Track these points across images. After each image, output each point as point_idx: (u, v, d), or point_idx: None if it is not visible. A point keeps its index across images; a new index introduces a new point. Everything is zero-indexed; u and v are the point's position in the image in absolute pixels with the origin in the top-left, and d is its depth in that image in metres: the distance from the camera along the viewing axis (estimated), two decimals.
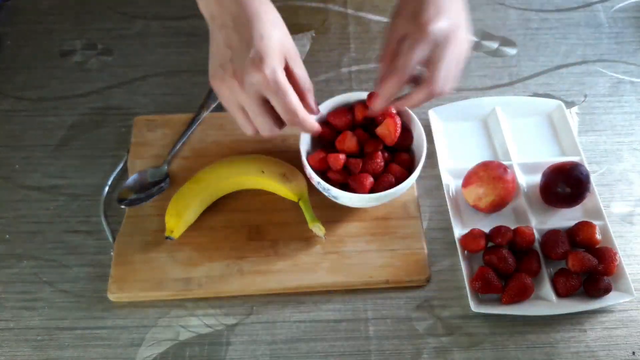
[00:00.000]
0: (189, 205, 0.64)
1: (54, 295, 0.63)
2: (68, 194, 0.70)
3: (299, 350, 0.60)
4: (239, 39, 0.52)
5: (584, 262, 0.61)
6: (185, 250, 0.65)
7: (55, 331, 0.61)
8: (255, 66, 0.50)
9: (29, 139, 0.75)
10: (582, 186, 0.65)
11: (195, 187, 0.65)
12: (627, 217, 0.69)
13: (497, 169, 0.65)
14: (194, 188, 0.65)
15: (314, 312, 0.62)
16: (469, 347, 0.60)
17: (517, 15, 0.89)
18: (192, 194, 0.65)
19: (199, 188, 0.65)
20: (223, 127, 0.74)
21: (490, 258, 0.62)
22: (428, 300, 0.63)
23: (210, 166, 0.67)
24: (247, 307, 0.63)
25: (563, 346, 0.60)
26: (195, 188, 0.65)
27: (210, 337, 0.61)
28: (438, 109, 0.75)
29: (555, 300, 0.61)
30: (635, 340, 0.61)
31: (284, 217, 0.67)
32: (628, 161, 0.74)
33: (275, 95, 0.52)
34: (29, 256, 0.66)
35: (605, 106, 0.79)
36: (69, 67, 0.82)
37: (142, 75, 0.81)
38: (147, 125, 0.74)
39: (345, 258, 0.64)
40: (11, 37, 0.85)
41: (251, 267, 0.63)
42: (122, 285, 0.62)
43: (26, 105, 0.78)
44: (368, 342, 0.60)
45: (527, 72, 0.82)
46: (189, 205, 0.64)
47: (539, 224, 0.66)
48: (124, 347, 0.60)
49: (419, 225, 0.67)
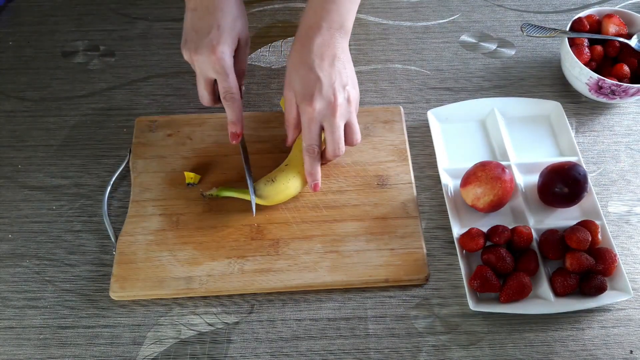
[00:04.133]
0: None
1: (57, 294, 0.64)
2: (70, 193, 0.71)
3: (299, 349, 0.60)
4: (201, 25, 0.63)
5: (582, 261, 0.61)
6: (186, 250, 0.65)
7: (57, 330, 0.61)
8: (208, 50, 0.62)
9: (31, 139, 0.75)
10: (579, 186, 0.66)
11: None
12: (624, 216, 0.70)
13: (495, 169, 0.66)
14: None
15: (314, 310, 0.63)
16: (467, 345, 0.61)
17: (516, 17, 0.89)
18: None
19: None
20: (224, 128, 0.74)
21: (488, 257, 0.63)
22: (427, 298, 0.64)
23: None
24: (248, 305, 0.63)
25: (561, 345, 0.61)
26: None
27: (211, 336, 0.61)
28: (436, 110, 0.76)
29: (553, 299, 0.61)
30: (633, 339, 0.61)
31: (285, 216, 0.68)
32: (625, 161, 0.74)
33: (218, 76, 0.63)
34: (32, 255, 0.66)
35: (603, 106, 0.79)
36: (71, 68, 0.82)
37: (143, 76, 0.82)
38: (149, 126, 0.75)
39: (345, 257, 0.65)
40: (14, 38, 0.86)
41: (252, 266, 0.64)
42: (124, 284, 0.63)
43: (28, 105, 0.78)
44: (367, 340, 0.61)
45: (523, 73, 0.82)
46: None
47: (537, 224, 0.67)
48: (125, 345, 0.60)
49: (418, 225, 0.67)
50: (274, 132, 0.74)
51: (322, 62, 0.61)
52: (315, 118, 0.61)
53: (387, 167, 0.71)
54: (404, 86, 0.81)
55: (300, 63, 0.62)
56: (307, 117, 0.62)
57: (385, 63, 0.83)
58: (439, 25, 0.88)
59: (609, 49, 0.78)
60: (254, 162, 0.71)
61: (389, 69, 0.83)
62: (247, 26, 0.67)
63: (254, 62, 0.83)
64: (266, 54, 0.84)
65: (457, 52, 0.85)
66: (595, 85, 0.75)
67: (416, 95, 0.80)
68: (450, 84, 0.81)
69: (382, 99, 0.79)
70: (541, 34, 0.79)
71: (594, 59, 0.77)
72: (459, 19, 0.89)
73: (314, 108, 0.61)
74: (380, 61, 0.84)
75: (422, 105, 0.79)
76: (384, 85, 0.81)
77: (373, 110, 0.76)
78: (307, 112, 0.61)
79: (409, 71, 0.82)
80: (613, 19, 0.78)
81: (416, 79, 0.82)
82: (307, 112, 0.61)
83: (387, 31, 0.87)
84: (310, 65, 0.61)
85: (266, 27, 0.87)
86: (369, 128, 0.74)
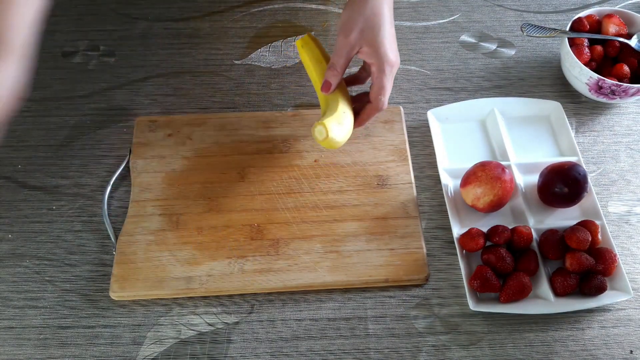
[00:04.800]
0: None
1: (57, 294, 0.64)
2: (71, 193, 0.71)
3: (299, 349, 0.60)
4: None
5: (582, 261, 0.61)
6: (186, 250, 0.65)
7: (57, 330, 0.61)
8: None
9: (31, 139, 0.75)
10: (579, 186, 0.66)
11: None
12: (624, 216, 0.70)
13: (495, 169, 0.66)
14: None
15: (314, 310, 0.63)
16: (467, 345, 0.61)
17: (516, 17, 0.89)
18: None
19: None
20: (224, 128, 0.75)
21: (488, 257, 0.63)
22: (427, 298, 0.64)
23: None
24: (248, 305, 0.63)
25: (561, 345, 0.61)
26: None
27: (211, 336, 0.61)
28: (436, 110, 0.76)
29: (553, 299, 0.61)
30: (633, 339, 0.61)
31: (285, 216, 0.68)
32: (625, 161, 0.74)
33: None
34: (32, 255, 0.66)
35: (603, 106, 0.79)
36: (71, 68, 0.82)
37: (143, 76, 0.82)
38: (149, 126, 0.75)
39: (345, 257, 0.65)
40: None
41: (252, 266, 0.64)
42: (124, 284, 0.63)
43: (29, 105, 0.78)
44: (367, 340, 0.61)
45: (523, 73, 0.83)
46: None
47: (537, 224, 0.67)
48: (125, 345, 0.60)
49: (418, 225, 0.67)
50: (274, 132, 0.74)
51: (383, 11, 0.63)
52: (388, 71, 0.63)
53: (387, 167, 0.71)
54: (404, 86, 0.81)
55: (360, 8, 0.62)
56: (382, 68, 0.63)
57: None
58: (439, 25, 0.88)
59: (609, 49, 0.78)
60: (254, 162, 0.71)
61: None
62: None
63: (254, 62, 0.83)
64: (266, 54, 0.84)
65: (457, 52, 0.85)
66: (595, 85, 0.75)
67: (416, 95, 0.80)
68: (450, 84, 0.81)
69: None
70: (541, 34, 0.79)
71: (594, 59, 0.77)
72: (459, 19, 0.89)
73: (392, 59, 0.63)
74: None
75: (422, 105, 0.79)
76: None
77: None
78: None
79: (409, 71, 0.82)
80: (613, 19, 0.78)
81: (416, 79, 0.82)
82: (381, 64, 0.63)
83: None
84: (374, 11, 0.62)
85: (266, 27, 0.87)
86: (369, 128, 0.74)
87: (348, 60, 0.64)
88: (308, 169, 0.71)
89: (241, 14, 0.89)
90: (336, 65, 0.64)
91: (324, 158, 0.72)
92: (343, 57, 0.63)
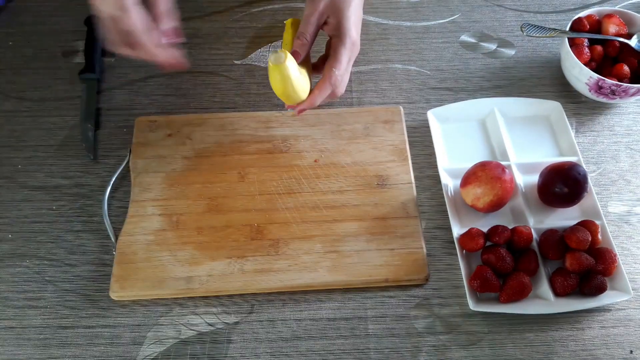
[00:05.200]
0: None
1: (57, 294, 0.64)
2: (70, 193, 0.71)
3: (299, 348, 0.60)
4: None
5: (582, 261, 0.61)
6: (186, 250, 0.65)
7: (57, 330, 0.61)
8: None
9: (31, 139, 0.75)
10: (579, 186, 0.66)
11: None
12: (624, 216, 0.70)
13: (495, 169, 0.66)
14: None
15: (314, 310, 0.63)
16: (467, 345, 0.61)
17: (516, 17, 0.89)
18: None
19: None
20: (224, 128, 0.75)
21: (488, 257, 0.63)
22: (427, 298, 0.64)
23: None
24: (248, 305, 0.63)
25: (561, 345, 0.61)
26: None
27: (211, 336, 0.61)
28: (436, 110, 0.76)
29: (553, 299, 0.61)
30: (633, 339, 0.61)
31: (285, 216, 0.68)
32: (625, 161, 0.74)
33: (121, 13, 0.58)
34: (32, 255, 0.66)
35: (603, 106, 0.79)
36: (71, 68, 0.82)
37: (143, 76, 0.82)
38: (149, 126, 0.75)
39: (344, 257, 0.65)
40: (14, 38, 0.86)
41: (252, 266, 0.64)
42: (124, 284, 0.63)
43: (29, 105, 0.78)
44: (367, 340, 0.61)
45: (523, 73, 0.83)
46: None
47: (537, 224, 0.67)
48: (125, 345, 0.60)
49: (418, 225, 0.67)
50: (274, 132, 0.74)
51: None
52: (351, 48, 0.63)
53: (387, 167, 0.71)
54: (404, 86, 0.81)
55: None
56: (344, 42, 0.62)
57: (385, 63, 0.83)
58: (439, 25, 0.88)
59: (609, 49, 0.78)
60: (254, 162, 0.71)
61: (389, 69, 0.83)
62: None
63: (254, 62, 0.83)
64: (266, 54, 0.84)
65: (457, 52, 0.85)
66: (595, 85, 0.75)
67: (416, 95, 0.80)
68: (450, 84, 0.81)
69: (382, 99, 0.79)
70: (541, 34, 0.79)
71: (594, 59, 0.77)
72: (459, 19, 0.89)
73: (354, 37, 0.63)
74: (380, 61, 0.84)
75: (422, 105, 0.79)
76: (384, 85, 0.81)
77: (373, 110, 0.76)
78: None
79: (409, 71, 0.82)
80: (613, 19, 0.78)
81: (416, 79, 0.82)
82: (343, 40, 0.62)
83: (387, 31, 0.87)
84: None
85: (266, 27, 0.87)
86: (369, 128, 0.75)
87: (317, 28, 0.63)
88: (308, 169, 0.71)
89: (241, 14, 0.89)
90: (305, 33, 0.62)
91: (324, 158, 0.72)
92: (311, 24, 0.62)
